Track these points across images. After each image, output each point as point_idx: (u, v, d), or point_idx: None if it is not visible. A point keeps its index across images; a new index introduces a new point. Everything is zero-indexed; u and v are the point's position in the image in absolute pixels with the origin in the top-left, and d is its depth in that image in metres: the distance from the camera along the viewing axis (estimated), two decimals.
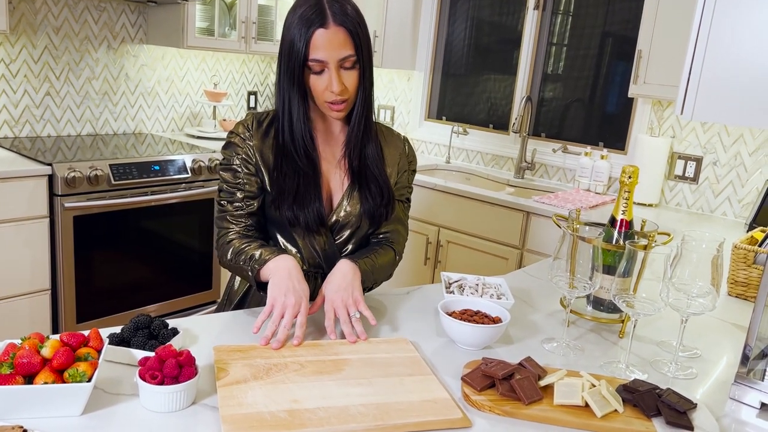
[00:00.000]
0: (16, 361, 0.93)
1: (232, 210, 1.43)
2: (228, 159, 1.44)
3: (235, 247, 1.39)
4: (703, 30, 1.43)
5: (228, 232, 1.43)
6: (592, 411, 1.05)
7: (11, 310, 2.57)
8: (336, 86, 1.33)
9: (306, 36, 1.30)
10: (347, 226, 1.47)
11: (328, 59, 1.32)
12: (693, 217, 2.85)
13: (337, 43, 1.31)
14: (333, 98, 1.35)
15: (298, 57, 1.32)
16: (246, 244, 1.39)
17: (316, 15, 1.30)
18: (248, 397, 1.02)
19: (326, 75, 1.33)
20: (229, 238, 1.42)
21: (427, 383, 1.12)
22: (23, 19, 2.97)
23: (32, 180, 2.52)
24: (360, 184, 1.46)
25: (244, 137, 1.43)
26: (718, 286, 1.22)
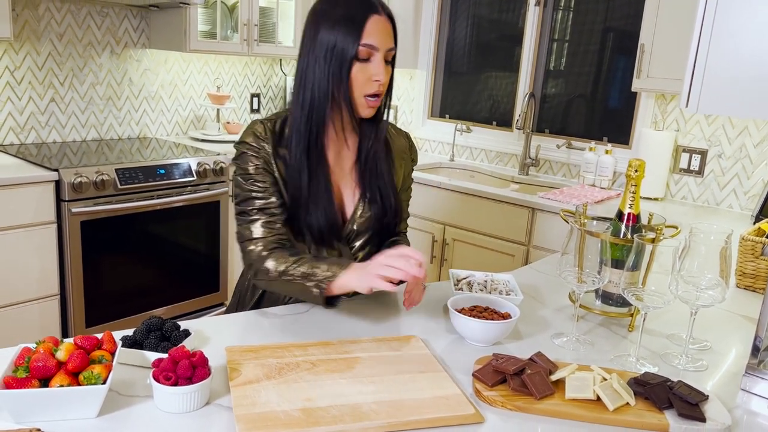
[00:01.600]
0: (31, 365, 0.94)
1: (265, 218, 1.35)
2: (243, 169, 1.38)
3: (277, 265, 1.30)
4: (707, 22, 1.42)
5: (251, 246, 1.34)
6: (604, 405, 1.06)
7: (21, 315, 2.59)
8: (383, 74, 1.30)
9: (360, 22, 1.27)
10: (360, 236, 1.47)
11: (379, 46, 1.29)
12: (699, 210, 2.85)
13: (386, 32, 1.31)
14: (375, 89, 1.32)
15: (348, 46, 1.28)
16: (291, 261, 1.29)
17: (365, 4, 1.29)
18: (261, 397, 1.03)
19: (372, 63, 1.30)
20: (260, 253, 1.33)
21: (438, 380, 1.12)
22: (27, 26, 2.99)
23: (39, 186, 2.53)
24: (371, 195, 1.45)
25: (259, 146, 1.37)
26: (727, 278, 1.22)
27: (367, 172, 1.44)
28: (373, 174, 1.45)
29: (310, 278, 1.26)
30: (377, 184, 1.45)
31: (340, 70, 1.30)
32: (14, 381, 0.92)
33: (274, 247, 1.33)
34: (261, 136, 1.38)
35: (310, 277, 1.26)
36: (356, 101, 1.34)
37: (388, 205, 1.46)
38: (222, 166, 3.09)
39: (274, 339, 1.27)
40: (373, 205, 1.45)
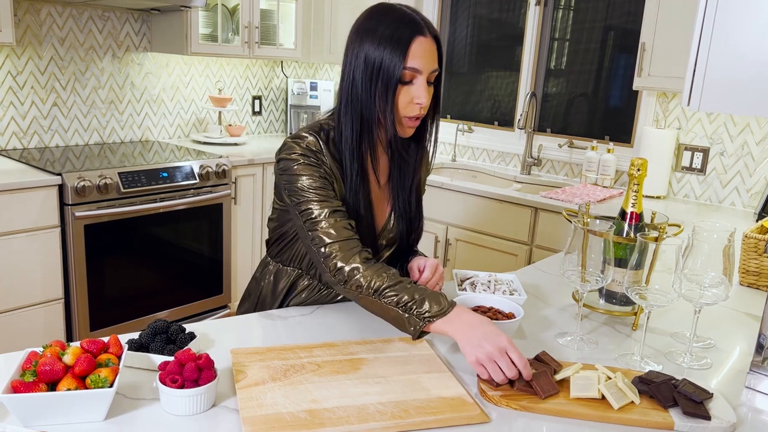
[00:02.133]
0: (38, 369, 0.94)
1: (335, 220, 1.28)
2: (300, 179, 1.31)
3: (371, 282, 1.22)
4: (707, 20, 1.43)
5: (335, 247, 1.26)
6: (608, 403, 1.06)
7: (26, 319, 2.59)
8: (424, 98, 1.28)
9: (406, 44, 1.25)
10: (386, 250, 1.48)
11: (423, 69, 1.27)
12: (701, 208, 2.85)
13: (432, 54, 1.28)
14: (416, 112, 1.30)
15: (393, 68, 1.25)
16: (387, 281, 1.21)
17: (412, 23, 1.26)
18: (267, 399, 1.03)
19: (415, 86, 1.28)
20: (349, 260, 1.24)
21: (443, 380, 1.13)
22: (29, 31, 3.00)
23: (43, 190, 2.54)
24: (400, 211, 1.46)
25: (318, 159, 1.32)
26: (730, 276, 1.22)
27: (399, 188, 1.44)
28: (403, 189, 1.45)
29: (408, 309, 1.19)
30: (407, 201, 1.45)
31: (386, 92, 1.27)
32: (22, 385, 0.93)
33: (363, 255, 1.25)
34: (316, 149, 1.33)
35: (409, 309, 1.19)
36: (398, 122, 1.32)
37: (416, 222, 1.48)
38: (224, 168, 3.10)
39: (279, 341, 1.27)
40: (401, 221, 1.46)
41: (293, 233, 1.44)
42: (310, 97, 4.05)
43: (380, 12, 1.30)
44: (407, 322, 1.19)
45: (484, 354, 1.10)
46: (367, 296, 1.22)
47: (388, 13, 1.29)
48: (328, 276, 1.26)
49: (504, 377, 1.09)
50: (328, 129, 1.37)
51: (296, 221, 1.32)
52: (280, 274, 1.50)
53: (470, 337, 1.13)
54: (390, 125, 1.30)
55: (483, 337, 1.11)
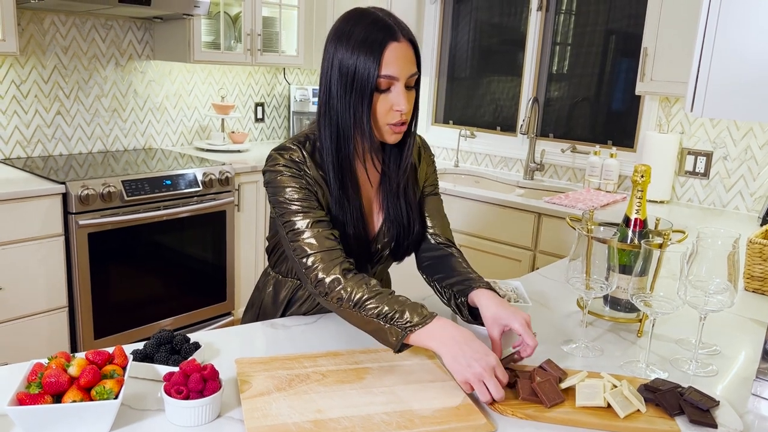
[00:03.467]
0: (44, 381, 0.94)
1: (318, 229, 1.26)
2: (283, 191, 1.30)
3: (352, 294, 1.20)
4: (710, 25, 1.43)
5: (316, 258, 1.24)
6: (614, 412, 1.06)
7: (30, 328, 2.60)
8: (404, 104, 1.25)
9: (379, 51, 1.22)
10: (380, 257, 1.46)
11: (399, 75, 1.24)
12: (705, 213, 2.85)
13: (406, 59, 1.25)
14: (397, 119, 1.27)
15: (368, 77, 1.23)
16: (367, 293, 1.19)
17: (385, 29, 1.24)
18: (272, 409, 1.03)
19: (393, 93, 1.25)
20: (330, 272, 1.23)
21: (448, 390, 1.12)
22: (32, 40, 3.01)
23: (47, 199, 2.54)
24: (393, 216, 1.43)
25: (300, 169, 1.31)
26: (735, 282, 1.22)
27: (391, 194, 1.43)
28: (396, 196, 1.43)
29: (389, 320, 1.16)
30: (399, 206, 1.43)
31: (361, 100, 1.25)
32: (27, 397, 0.93)
33: (344, 267, 1.24)
34: (299, 160, 1.32)
35: (390, 320, 1.16)
36: (381, 129, 1.30)
37: (410, 227, 1.45)
38: (228, 175, 3.10)
39: (283, 350, 1.27)
40: (393, 226, 1.44)
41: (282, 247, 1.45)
42: (312, 103, 4.05)
43: (355, 16, 1.28)
44: (388, 333, 1.16)
45: (473, 375, 1.08)
46: (348, 308, 1.20)
47: (361, 17, 1.26)
48: (310, 287, 1.25)
49: (490, 398, 1.07)
50: (314, 138, 1.35)
51: (281, 232, 1.31)
52: (280, 285, 1.50)
53: (457, 355, 1.10)
54: (367, 134, 1.28)
55: (472, 357, 1.09)
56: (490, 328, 1.22)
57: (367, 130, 1.28)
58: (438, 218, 1.51)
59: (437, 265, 1.45)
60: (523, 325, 1.18)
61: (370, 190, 1.43)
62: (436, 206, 1.52)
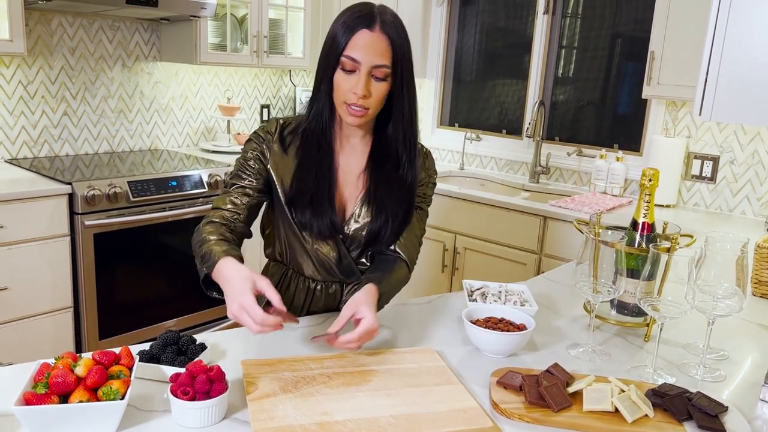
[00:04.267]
0: (51, 381, 0.94)
1: (229, 191, 1.43)
2: (244, 151, 1.46)
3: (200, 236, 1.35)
4: (719, 30, 1.42)
5: (211, 213, 1.42)
6: (622, 416, 1.05)
7: (35, 328, 2.60)
8: (361, 88, 1.31)
9: (350, 33, 1.30)
10: (356, 241, 1.45)
11: (362, 61, 1.30)
12: (712, 217, 2.84)
13: (377, 50, 1.31)
14: (353, 101, 1.33)
15: (336, 51, 1.32)
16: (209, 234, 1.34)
17: (365, 17, 1.31)
18: (278, 411, 1.03)
19: (354, 76, 1.32)
20: (207, 221, 1.40)
21: (455, 392, 1.12)
22: (40, 41, 3.02)
23: (53, 199, 2.55)
24: (375, 204, 1.43)
25: (265, 138, 1.45)
26: (744, 287, 1.21)
27: (372, 185, 1.44)
28: (381, 182, 1.43)
29: (203, 261, 1.29)
30: (380, 197, 1.43)
31: (326, 72, 1.35)
32: (34, 397, 0.93)
33: (218, 222, 1.39)
34: (270, 131, 1.45)
35: (203, 261, 1.29)
36: (338, 107, 1.37)
37: (387, 221, 1.43)
38: None
39: (289, 352, 1.27)
40: (373, 217, 1.43)
41: (270, 225, 1.54)
42: None
43: (355, 5, 1.36)
44: (200, 270, 1.30)
45: (230, 312, 1.15)
46: (195, 249, 1.34)
47: (358, 5, 1.36)
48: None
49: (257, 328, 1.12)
50: (299, 120, 1.46)
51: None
52: (271, 269, 1.56)
53: (226, 294, 1.20)
54: (327, 106, 1.39)
55: (229, 297, 1.17)
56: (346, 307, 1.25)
57: (326, 101, 1.38)
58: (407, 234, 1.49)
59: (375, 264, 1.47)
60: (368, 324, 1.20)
61: (352, 171, 1.46)
62: (412, 224, 1.50)
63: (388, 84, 1.35)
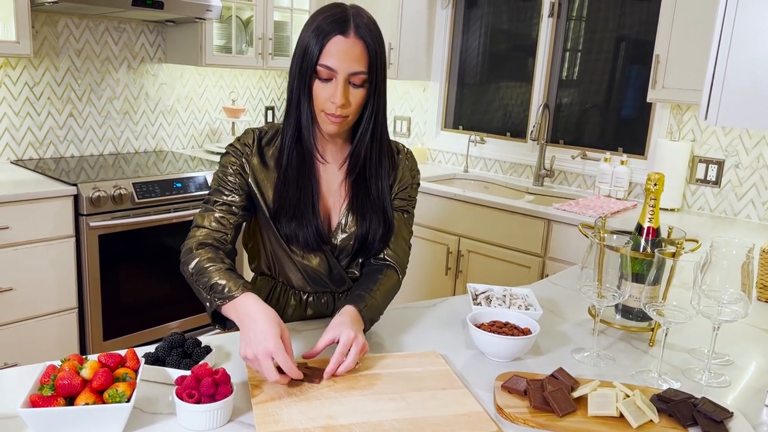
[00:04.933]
0: (57, 383, 0.95)
1: (212, 208, 1.37)
2: (223, 166, 1.40)
3: (198, 262, 1.28)
4: (725, 35, 1.42)
5: (197, 232, 1.35)
6: (627, 422, 1.05)
7: (40, 329, 2.61)
8: (339, 98, 1.27)
9: (323, 40, 1.26)
10: (345, 251, 1.43)
11: (338, 69, 1.26)
12: (716, 221, 2.83)
13: (352, 56, 1.26)
14: (332, 110, 1.29)
15: (310, 60, 1.27)
16: (210, 262, 1.27)
17: (338, 22, 1.26)
18: (284, 414, 1.03)
19: (332, 85, 1.28)
20: (196, 242, 1.32)
21: (459, 397, 1.12)
22: (46, 43, 3.03)
23: (58, 200, 2.56)
24: (359, 211, 1.41)
25: (243, 151, 1.39)
26: (749, 293, 1.21)
27: (357, 187, 1.42)
28: (362, 190, 1.42)
29: (209, 291, 1.24)
30: (365, 201, 1.42)
31: (301, 83, 1.30)
32: (40, 399, 0.93)
33: (210, 243, 1.33)
34: (247, 144, 1.40)
35: (211, 292, 1.23)
36: (317, 116, 1.33)
37: (373, 227, 1.41)
38: None
39: (294, 354, 1.27)
40: (358, 225, 1.41)
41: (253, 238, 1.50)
42: None
43: (325, 8, 1.32)
44: (208, 303, 1.23)
45: (252, 355, 1.10)
46: (190, 278, 1.29)
47: (331, 8, 1.31)
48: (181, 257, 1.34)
49: (274, 379, 1.09)
50: (276, 129, 1.43)
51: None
52: (259, 284, 1.52)
53: (245, 332, 1.14)
54: (308, 118, 1.33)
55: (254, 338, 1.11)
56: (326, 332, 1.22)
57: (306, 112, 1.32)
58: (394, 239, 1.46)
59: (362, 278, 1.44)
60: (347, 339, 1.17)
61: (333, 182, 1.43)
62: (398, 229, 1.47)
63: (365, 90, 1.31)
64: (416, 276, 3.32)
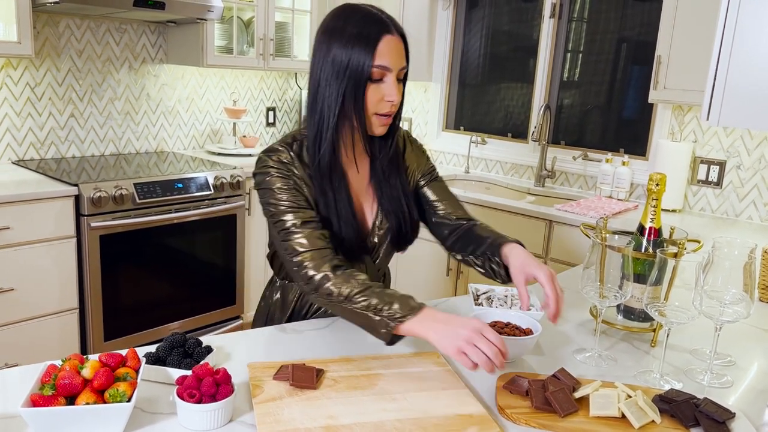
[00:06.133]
0: (57, 383, 0.95)
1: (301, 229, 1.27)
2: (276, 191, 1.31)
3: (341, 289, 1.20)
4: (727, 36, 1.42)
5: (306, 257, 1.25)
6: (629, 422, 1.05)
7: (41, 329, 2.61)
8: (396, 95, 1.29)
9: (374, 43, 1.25)
10: (380, 248, 1.47)
11: (392, 66, 1.28)
12: (718, 222, 2.83)
13: (398, 52, 1.29)
14: (387, 109, 1.31)
15: (361, 67, 1.25)
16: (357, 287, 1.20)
17: (379, 22, 1.28)
18: (285, 414, 1.03)
19: (385, 84, 1.29)
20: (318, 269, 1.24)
21: (461, 397, 1.12)
22: (47, 43, 3.03)
23: (59, 201, 2.56)
24: (387, 207, 1.44)
25: (288, 170, 1.33)
26: (751, 293, 1.21)
27: (382, 185, 1.44)
28: (387, 186, 1.45)
29: (378, 312, 1.17)
30: (393, 196, 1.45)
31: (354, 91, 1.28)
32: (41, 398, 0.93)
33: (338, 265, 1.25)
34: (287, 161, 1.35)
35: (379, 312, 1.17)
36: (369, 120, 1.33)
37: (404, 216, 1.46)
38: (239, 179, 3.11)
39: (295, 355, 1.27)
40: (390, 217, 1.45)
41: None
42: None
43: (346, 12, 1.31)
44: (378, 325, 1.18)
45: (463, 340, 1.10)
46: (338, 303, 1.21)
47: (354, 12, 1.30)
48: (302, 285, 1.27)
49: (486, 358, 1.08)
50: (300, 139, 1.38)
51: (272, 232, 1.34)
52: (287, 290, 1.51)
53: (444, 331, 1.13)
54: (360, 124, 1.31)
55: (457, 326, 1.12)
56: (516, 276, 1.27)
57: (360, 118, 1.30)
58: (448, 200, 1.53)
59: (464, 239, 1.47)
60: (548, 276, 1.25)
61: (361, 186, 1.45)
62: (443, 189, 1.54)
63: (403, 85, 1.35)
64: (417, 276, 3.31)
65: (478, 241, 1.45)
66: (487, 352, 1.08)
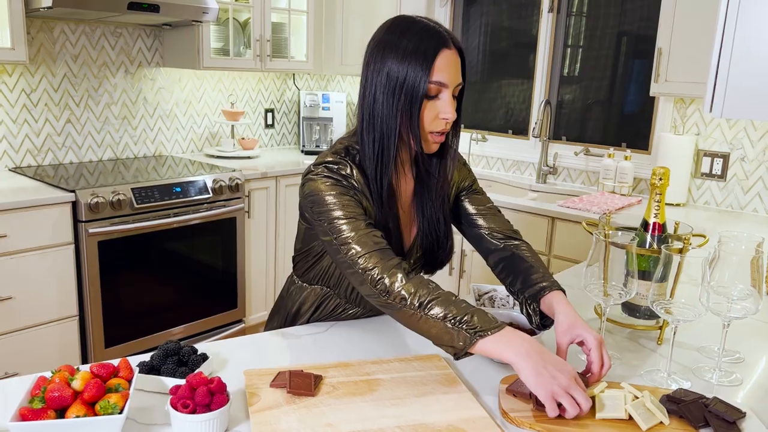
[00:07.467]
0: (47, 395, 0.92)
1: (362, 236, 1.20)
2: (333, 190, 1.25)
3: (414, 295, 1.13)
4: (728, 27, 1.39)
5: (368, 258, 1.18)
6: (636, 424, 1.02)
7: (41, 337, 2.59)
8: (451, 112, 1.23)
9: (432, 58, 1.20)
10: (418, 263, 1.44)
11: (449, 82, 1.22)
12: (723, 215, 2.79)
13: (456, 67, 1.24)
14: (442, 127, 1.25)
15: (417, 84, 1.20)
16: (432, 296, 1.13)
17: (437, 36, 1.22)
18: (282, 423, 1.00)
19: (441, 100, 1.23)
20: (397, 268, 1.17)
21: (463, 401, 1.09)
22: (42, 49, 3.01)
23: (57, 207, 2.54)
24: (426, 229, 1.40)
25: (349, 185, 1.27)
26: (759, 288, 1.18)
27: (425, 206, 1.39)
28: (431, 208, 1.39)
29: (457, 323, 1.10)
30: (434, 218, 1.40)
31: (410, 107, 1.22)
32: (30, 412, 0.91)
33: (404, 267, 1.18)
34: (347, 174, 1.28)
35: (458, 323, 1.10)
36: (423, 137, 1.27)
37: (444, 240, 1.42)
38: (238, 182, 3.09)
39: (293, 360, 1.24)
40: (427, 240, 1.41)
41: (318, 252, 1.38)
42: (322, 109, 4.03)
43: (402, 25, 1.25)
44: (456, 337, 1.09)
45: (560, 387, 1.02)
46: (411, 310, 1.13)
47: (410, 25, 1.24)
48: (367, 288, 1.17)
49: (578, 410, 1.02)
50: (354, 153, 1.31)
51: (324, 239, 1.25)
52: (307, 292, 1.46)
53: (539, 368, 1.04)
54: (415, 142, 1.26)
55: (555, 368, 1.04)
56: (561, 336, 1.18)
57: (416, 136, 1.25)
58: (492, 215, 1.46)
59: (506, 269, 1.40)
60: (597, 343, 1.14)
61: (405, 204, 1.40)
62: (485, 203, 1.48)
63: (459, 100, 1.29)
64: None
65: (516, 274, 1.37)
66: (584, 406, 1.02)
